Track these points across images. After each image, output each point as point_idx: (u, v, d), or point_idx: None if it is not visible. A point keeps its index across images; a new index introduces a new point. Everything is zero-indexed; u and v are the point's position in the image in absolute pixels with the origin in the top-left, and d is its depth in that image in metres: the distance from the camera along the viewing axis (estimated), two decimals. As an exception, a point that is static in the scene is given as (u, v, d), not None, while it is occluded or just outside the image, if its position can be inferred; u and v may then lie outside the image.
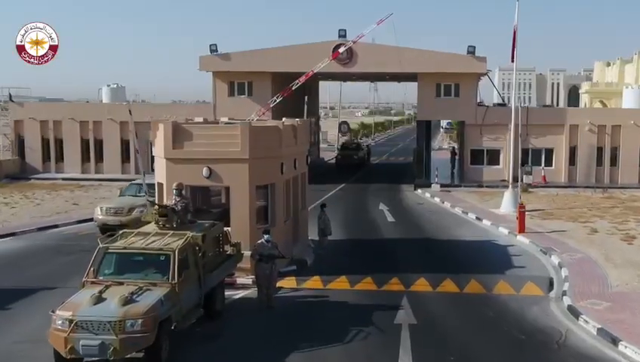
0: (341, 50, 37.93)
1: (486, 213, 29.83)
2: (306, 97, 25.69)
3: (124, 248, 13.47)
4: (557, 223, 27.08)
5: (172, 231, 14.24)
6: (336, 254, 21.75)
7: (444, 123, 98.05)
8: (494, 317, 15.64)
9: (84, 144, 43.25)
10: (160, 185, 18.92)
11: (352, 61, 39.67)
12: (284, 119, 21.79)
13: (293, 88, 37.02)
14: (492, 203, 32.56)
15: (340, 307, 16.40)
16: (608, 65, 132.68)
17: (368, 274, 18.93)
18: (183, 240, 13.69)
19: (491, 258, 21.80)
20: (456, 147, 48.90)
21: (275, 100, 37.15)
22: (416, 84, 42.75)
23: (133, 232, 14.25)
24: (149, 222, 15.04)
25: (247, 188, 18.29)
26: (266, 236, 16.04)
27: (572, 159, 40.32)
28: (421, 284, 18.25)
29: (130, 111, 18.40)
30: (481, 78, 43.33)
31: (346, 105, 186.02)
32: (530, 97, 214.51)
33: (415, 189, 38.76)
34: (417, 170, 43.04)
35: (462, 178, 40.99)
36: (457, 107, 40.64)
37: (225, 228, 16.39)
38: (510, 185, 31.27)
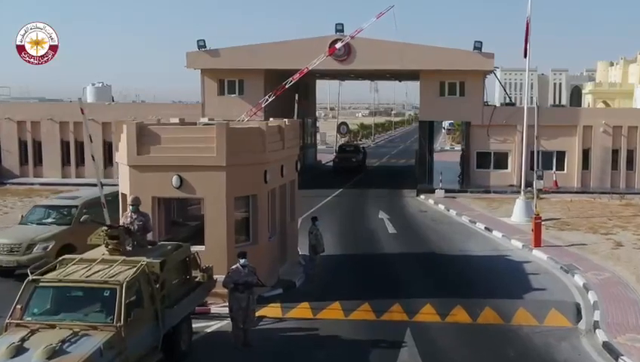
0: (338, 45, 35.40)
1: (496, 223, 27.21)
2: (297, 95, 23.10)
3: (59, 281, 10.82)
4: (576, 235, 24.49)
5: (123, 258, 11.62)
6: (330, 273, 19.14)
7: (445, 123, 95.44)
8: (516, 359, 13.02)
9: (65, 146, 40.56)
10: (124, 196, 16.35)
11: (349, 57, 37.14)
12: (271, 119, 19.26)
13: (287, 86, 34.51)
14: (501, 210, 29.96)
15: (332, 344, 13.79)
16: (611, 65, 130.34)
17: (366, 299, 16.39)
18: (135, 269, 11.07)
19: (506, 278, 19.13)
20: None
21: (268, 99, 34.60)
22: (418, 83, 40.20)
23: (74, 259, 11.60)
24: (98, 246, 12.42)
25: (223, 200, 15.71)
26: (241, 260, 13.36)
27: (585, 162, 37.64)
28: (427, 312, 15.66)
29: (82, 110, 15.77)
30: (487, 76, 40.77)
31: (346, 105, 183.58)
32: (531, 98, 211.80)
33: (417, 195, 36.14)
34: (420, 173, 40.40)
35: (467, 182, 38.34)
36: (462, 107, 37.96)
37: (193, 249, 13.76)
38: (522, 191, 28.70)
